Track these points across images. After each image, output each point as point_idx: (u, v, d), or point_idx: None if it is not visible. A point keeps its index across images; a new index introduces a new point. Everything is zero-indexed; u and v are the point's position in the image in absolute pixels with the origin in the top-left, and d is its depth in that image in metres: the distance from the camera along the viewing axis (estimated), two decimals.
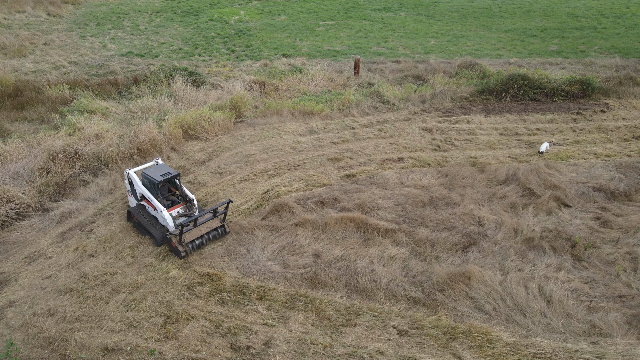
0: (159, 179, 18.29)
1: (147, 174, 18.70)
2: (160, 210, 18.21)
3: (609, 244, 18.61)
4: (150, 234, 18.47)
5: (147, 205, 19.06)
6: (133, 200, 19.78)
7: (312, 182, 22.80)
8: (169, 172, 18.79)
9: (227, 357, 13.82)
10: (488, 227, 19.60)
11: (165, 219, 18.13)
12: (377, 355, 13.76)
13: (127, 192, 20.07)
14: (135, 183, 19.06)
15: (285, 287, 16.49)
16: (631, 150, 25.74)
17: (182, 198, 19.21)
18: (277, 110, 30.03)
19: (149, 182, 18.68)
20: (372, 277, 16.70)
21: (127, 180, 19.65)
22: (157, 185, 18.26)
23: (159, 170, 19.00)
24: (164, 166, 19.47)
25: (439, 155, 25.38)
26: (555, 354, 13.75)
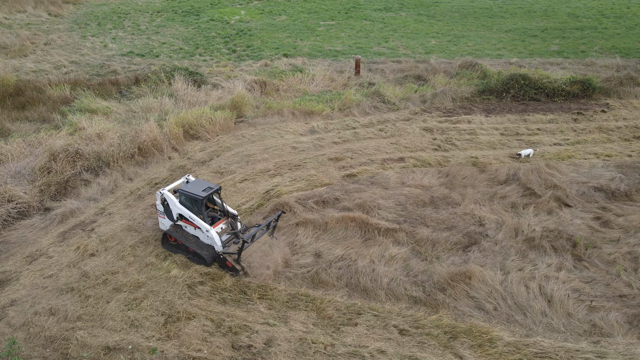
0: (203, 195, 17.16)
1: (187, 191, 17.49)
2: (206, 229, 17.16)
3: (610, 244, 18.62)
4: (198, 255, 17.28)
5: (186, 224, 17.93)
6: (166, 222, 18.41)
7: (313, 181, 22.82)
8: (210, 187, 17.65)
9: (229, 356, 13.84)
10: (489, 227, 19.61)
11: (213, 238, 17.10)
12: (378, 355, 13.78)
13: (158, 213, 18.59)
14: (172, 202, 17.76)
15: (286, 286, 16.50)
16: (632, 150, 25.76)
17: (221, 213, 18.28)
18: (277, 110, 30.06)
19: (189, 199, 17.52)
20: (373, 277, 16.72)
21: (160, 200, 18.17)
22: (202, 202, 17.22)
23: (197, 185, 17.79)
24: (200, 181, 18.26)
25: (439, 155, 25.40)
26: (556, 353, 13.76)
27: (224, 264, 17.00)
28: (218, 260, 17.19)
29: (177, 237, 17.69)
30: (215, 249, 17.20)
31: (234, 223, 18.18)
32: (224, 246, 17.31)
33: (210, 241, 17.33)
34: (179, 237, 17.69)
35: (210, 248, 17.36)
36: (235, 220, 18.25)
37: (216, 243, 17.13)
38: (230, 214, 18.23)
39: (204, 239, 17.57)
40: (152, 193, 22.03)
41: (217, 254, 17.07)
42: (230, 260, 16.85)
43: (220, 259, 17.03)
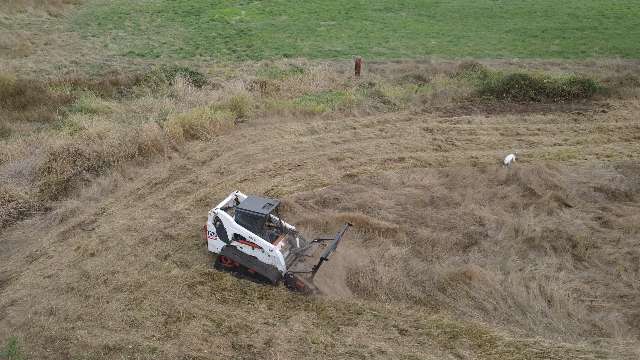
0: (266, 212, 16.22)
1: (246, 209, 16.48)
2: (270, 249, 16.31)
3: (610, 244, 18.63)
4: (262, 277, 16.43)
5: (241, 244, 16.95)
6: (217, 243, 17.33)
7: (313, 181, 22.83)
8: (270, 203, 16.75)
9: (229, 356, 13.85)
10: (489, 227, 19.63)
11: (278, 257, 16.29)
12: (378, 355, 13.79)
13: (208, 235, 17.38)
14: (228, 222, 16.72)
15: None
16: (632, 151, 25.78)
17: (278, 230, 17.54)
18: (278, 110, 30.07)
19: (248, 217, 16.57)
20: (373, 277, 16.73)
21: (213, 220, 17.03)
22: (264, 220, 16.44)
23: (255, 202, 16.83)
24: (256, 197, 17.34)
25: (440, 155, 25.41)
26: (556, 353, 13.77)
27: (293, 284, 16.15)
28: (287, 280, 16.30)
29: (234, 258, 16.76)
30: (279, 268, 16.43)
31: (292, 239, 17.44)
32: (288, 265, 16.57)
33: (273, 261, 16.49)
34: (236, 258, 16.75)
35: (273, 268, 16.54)
36: (294, 236, 17.53)
37: (280, 262, 16.32)
38: (288, 230, 17.50)
39: (263, 259, 16.68)
40: (153, 193, 22.09)
41: (287, 274, 16.19)
42: (302, 279, 16.02)
43: (290, 279, 16.14)
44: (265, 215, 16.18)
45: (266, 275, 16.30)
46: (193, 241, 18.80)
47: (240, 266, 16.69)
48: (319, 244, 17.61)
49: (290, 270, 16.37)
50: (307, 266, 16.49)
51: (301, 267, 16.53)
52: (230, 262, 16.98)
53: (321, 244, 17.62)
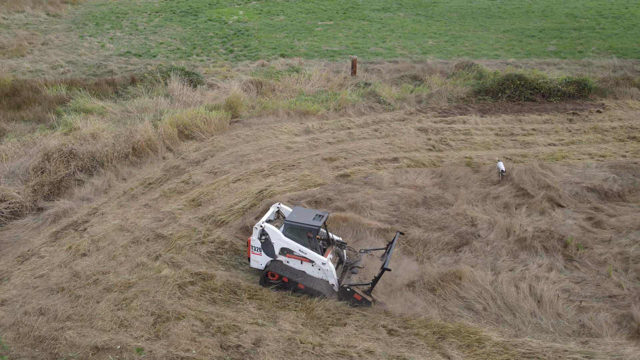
0: (319, 224, 15.75)
1: (296, 221, 16.05)
2: (322, 262, 15.75)
3: (601, 244, 18.64)
4: (314, 291, 15.91)
5: (288, 259, 16.41)
6: (261, 259, 16.70)
7: (306, 181, 22.85)
8: (320, 214, 16.31)
9: (217, 356, 13.86)
10: (481, 227, 19.64)
11: (331, 271, 15.81)
12: (366, 355, 13.80)
13: (252, 250, 16.73)
14: (276, 236, 16.14)
15: None
16: (626, 151, 25.78)
17: (325, 241, 17.03)
18: (273, 110, 30.08)
19: (299, 230, 16.05)
20: (362, 278, 16.70)
21: (258, 235, 16.39)
22: (317, 232, 15.88)
23: (304, 214, 16.41)
24: (303, 209, 17.16)
25: (433, 155, 25.42)
26: (544, 353, 13.78)
27: (349, 297, 15.69)
28: (342, 293, 15.86)
29: (282, 273, 16.14)
30: (330, 282, 15.99)
31: (340, 251, 17.01)
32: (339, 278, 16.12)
33: (325, 274, 16.03)
34: (284, 273, 16.15)
35: (324, 282, 16.07)
36: (342, 248, 17.16)
37: (333, 275, 15.88)
38: (336, 242, 17.13)
39: (313, 273, 16.17)
40: (146, 193, 22.12)
41: (343, 287, 15.75)
42: (360, 292, 15.61)
43: (347, 292, 15.69)
44: (319, 227, 15.71)
45: (319, 290, 15.81)
46: (185, 241, 18.82)
47: (289, 281, 16.10)
48: (366, 255, 17.13)
49: (345, 282, 15.90)
50: (361, 278, 16.14)
51: (355, 279, 16.13)
52: (278, 278, 16.32)
53: (369, 254, 17.16)
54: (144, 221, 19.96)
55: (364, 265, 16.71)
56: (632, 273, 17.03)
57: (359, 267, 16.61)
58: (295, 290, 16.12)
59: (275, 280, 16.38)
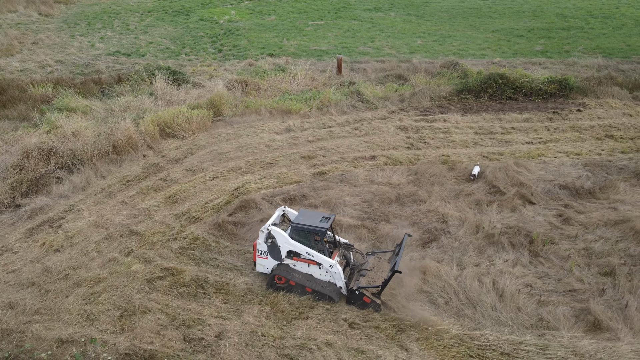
0: (326, 227, 15.66)
1: (302, 223, 15.94)
2: (330, 264, 15.70)
3: (568, 240, 18.90)
4: (322, 294, 15.88)
5: (295, 262, 16.33)
6: (268, 262, 16.56)
7: (283, 179, 23.11)
8: (326, 216, 16.19)
9: (180, 348, 14.13)
10: (451, 224, 19.90)
11: (339, 273, 15.74)
12: (325, 347, 14.06)
13: (257, 254, 16.59)
14: (283, 239, 16.02)
15: (245, 281, 16.78)
16: (602, 149, 26.03)
17: (332, 244, 16.95)
18: (255, 109, 30.34)
19: (306, 233, 15.93)
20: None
21: (265, 238, 16.29)
22: (324, 235, 15.78)
23: (310, 217, 16.28)
24: (309, 211, 16.99)
25: (411, 153, 25.67)
26: (499, 345, 14.05)
27: (358, 300, 15.59)
28: (351, 296, 15.72)
29: (289, 277, 16.05)
30: (338, 284, 15.93)
31: (347, 254, 16.98)
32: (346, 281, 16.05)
33: (333, 277, 15.96)
34: (291, 277, 16.06)
35: (331, 285, 16.04)
36: (349, 250, 17.12)
37: (340, 278, 15.79)
38: (342, 245, 17.12)
39: (320, 276, 16.10)
40: (123, 190, 22.37)
41: (352, 290, 15.65)
42: (369, 295, 15.51)
43: (356, 295, 15.56)
44: (326, 229, 15.59)
45: (327, 293, 15.80)
46: (158, 237, 19.08)
47: (296, 285, 16.01)
48: (374, 257, 17.08)
49: (354, 285, 15.82)
50: (370, 280, 16.02)
51: (364, 282, 15.99)
52: (284, 282, 16.18)
53: (376, 257, 17.12)
54: (119, 218, 20.22)
55: (372, 267, 16.56)
56: (595, 268, 17.29)
57: (367, 270, 16.45)
58: (303, 293, 16.01)
59: (282, 284, 16.21)
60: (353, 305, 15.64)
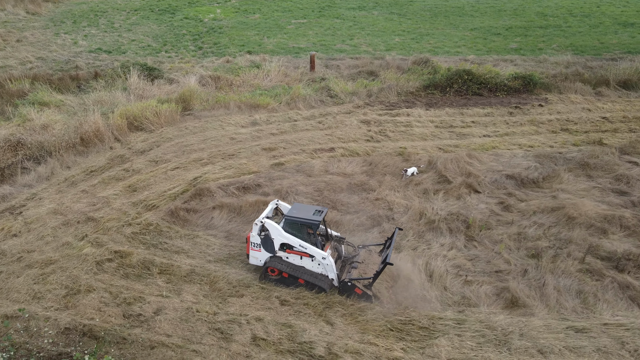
0: (319, 219, 16.00)
1: (296, 216, 16.29)
2: (322, 256, 16.01)
3: (504, 226, 19.71)
4: (314, 285, 16.19)
5: (287, 254, 16.62)
6: (261, 255, 16.82)
7: (241, 169, 23.93)
8: (319, 210, 16.48)
9: (118, 323, 14.96)
10: (397, 211, 20.71)
11: (331, 265, 16.06)
12: (255, 322, 14.90)
13: (251, 247, 16.86)
14: (277, 232, 16.29)
15: (190, 263, 17.61)
16: (555, 142, 26.82)
17: (324, 237, 17.17)
18: (224, 104, 31.16)
19: (299, 226, 16.31)
20: None
21: (258, 231, 16.58)
22: (317, 227, 16.09)
23: (304, 210, 16.62)
24: (302, 205, 17.26)
25: (370, 145, 26.48)
26: (419, 320, 14.88)
27: (350, 292, 15.95)
28: (343, 288, 16.09)
29: (282, 269, 16.35)
30: (330, 276, 16.25)
31: (338, 247, 17.39)
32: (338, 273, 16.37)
33: (325, 269, 16.25)
34: (284, 269, 16.36)
35: (324, 276, 16.37)
36: (341, 243, 17.48)
37: (333, 270, 16.12)
38: (334, 237, 17.46)
39: (312, 268, 16.42)
40: (86, 180, 23.19)
41: (344, 281, 16.01)
42: (361, 286, 15.88)
43: (348, 287, 15.92)
44: (319, 222, 15.93)
45: (319, 284, 16.09)
46: (113, 223, 19.89)
47: (289, 276, 16.36)
48: (365, 250, 17.49)
49: (346, 277, 16.18)
50: (361, 272, 16.39)
51: (356, 274, 16.34)
52: (277, 274, 16.55)
53: (367, 250, 17.53)
54: (78, 205, 21.05)
55: (363, 260, 16.96)
56: (523, 251, 18.12)
57: (358, 262, 16.82)
58: (296, 285, 16.40)
59: (275, 276, 16.62)
60: (345, 297, 15.99)
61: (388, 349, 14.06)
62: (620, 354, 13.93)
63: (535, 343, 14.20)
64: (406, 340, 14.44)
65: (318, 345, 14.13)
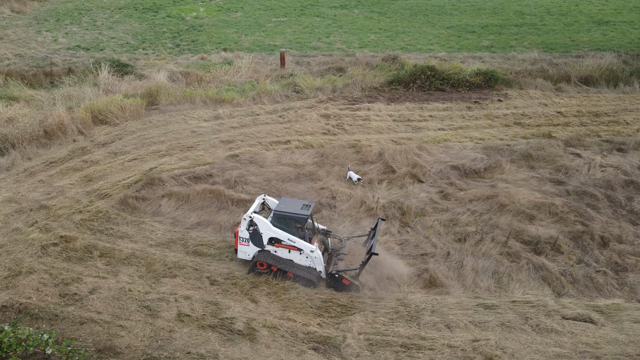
0: (307, 214, 16.42)
1: (284, 211, 16.61)
2: (310, 250, 16.45)
3: (439, 213, 20.51)
4: (303, 278, 16.55)
5: (276, 248, 16.98)
6: (249, 249, 17.15)
7: (197, 160, 24.71)
8: (307, 204, 16.91)
9: (54, 302, 15.75)
10: (339, 199, 21.49)
11: (319, 258, 16.50)
12: (183, 300, 15.71)
13: (239, 241, 17.15)
14: (265, 226, 16.68)
15: (131, 247, 18.40)
16: (506, 135, 27.61)
17: (310, 230, 17.40)
18: (190, 99, 31.95)
19: (287, 220, 16.61)
20: (210, 240, 18.61)
21: (247, 226, 16.89)
22: (305, 222, 16.49)
23: (291, 205, 16.99)
24: (290, 200, 17.62)
25: (326, 138, 27.26)
26: (339, 299, 15.71)
27: (338, 284, 16.33)
28: (330, 280, 16.48)
29: (271, 263, 16.75)
30: (318, 269, 16.67)
31: (325, 240, 17.82)
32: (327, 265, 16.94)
33: (313, 262, 16.67)
34: (273, 262, 16.76)
35: (312, 269, 16.77)
36: (327, 236, 17.98)
37: (320, 263, 16.55)
38: (320, 231, 17.91)
39: (300, 261, 16.83)
40: (45, 171, 23.96)
41: (332, 274, 16.41)
42: (348, 277, 16.33)
43: (335, 278, 16.29)
44: (307, 216, 16.32)
45: (308, 277, 16.46)
46: (65, 211, 20.66)
47: (278, 270, 16.69)
48: (350, 242, 18.02)
49: (333, 269, 16.54)
50: (347, 264, 16.99)
51: (342, 266, 16.87)
52: (266, 267, 16.88)
53: (353, 241, 18.05)
54: (33, 194, 21.82)
55: (349, 251, 17.49)
56: (450, 236, 18.93)
57: (344, 254, 17.25)
58: (285, 278, 16.73)
59: (264, 270, 16.91)
60: (333, 288, 16.41)
61: (305, 324, 14.86)
62: (523, 328, 14.73)
63: (444, 318, 15.01)
64: (324, 316, 15.25)
65: (238, 320, 14.93)
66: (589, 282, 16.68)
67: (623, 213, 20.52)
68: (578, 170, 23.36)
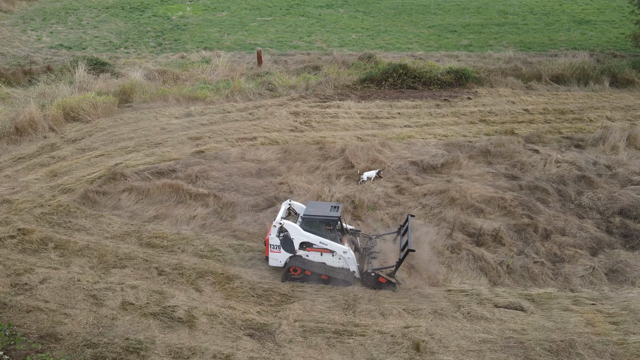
0: (337, 215, 16.51)
1: (314, 214, 16.68)
2: (343, 251, 16.45)
3: (392, 207, 20.99)
4: (337, 280, 16.58)
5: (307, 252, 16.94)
6: (281, 256, 17.01)
7: (163, 156, 25.21)
8: (334, 205, 17.02)
9: (4, 292, 16.25)
10: (296, 194, 21.96)
11: (352, 259, 16.56)
12: (129, 289, 16.23)
13: (270, 249, 16.97)
14: (296, 231, 16.59)
15: (87, 239, 18.89)
16: (469, 132, 28.11)
17: (339, 231, 17.45)
18: (164, 96, 32.43)
19: (318, 223, 16.64)
20: (164, 233, 19.11)
21: (277, 232, 16.79)
22: (336, 223, 16.58)
23: (318, 207, 17.07)
24: (315, 202, 17.69)
25: (292, 135, 27.75)
26: (280, 288, 16.23)
27: (374, 282, 16.39)
28: (366, 279, 16.54)
29: (304, 267, 16.69)
30: (351, 269, 16.72)
31: (354, 239, 17.96)
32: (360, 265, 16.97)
33: (346, 262, 16.69)
34: (306, 267, 16.70)
35: (345, 270, 16.81)
36: (356, 235, 18.14)
37: (354, 263, 16.63)
38: (349, 231, 18.03)
39: (333, 263, 16.88)
40: (12, 166, 24.45)
41: (367, 272, 16.45)
42: (384, 275, 16.33)
43: (371, 277, 16.35)
44: (337, 217, 16.40)
45: (343, 279, 16.52)
46: (27, 205, 21.16)
47: (312, 274, 16.66)
48: (380, 240, 18.08)
49: (369, 268, 16.62)
50: (381, 262, 16.92)
51: (376, 264, 16.86)
52: (300, 272, 16.82)
53: (382, 239, 18.12)
54: (1, 188, 22.30)
55: (380, 249, 17.48)
56: (396, 227, 19.42)
57: (377, 252, 17.29)
58: (319, 281, 16.79)
59: (297, 275, 16.87)
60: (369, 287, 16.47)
61: (244, 312, 15.38)
62: (454, 316, 15.24)
63: (380, 307, 15.52)
64: (264, 305, 15.77)
65: (180, 308, 15.44)
66: (525, 272, 17.19)
67: (571, 207, 21.01)
68: (534, 165, 23.84)
